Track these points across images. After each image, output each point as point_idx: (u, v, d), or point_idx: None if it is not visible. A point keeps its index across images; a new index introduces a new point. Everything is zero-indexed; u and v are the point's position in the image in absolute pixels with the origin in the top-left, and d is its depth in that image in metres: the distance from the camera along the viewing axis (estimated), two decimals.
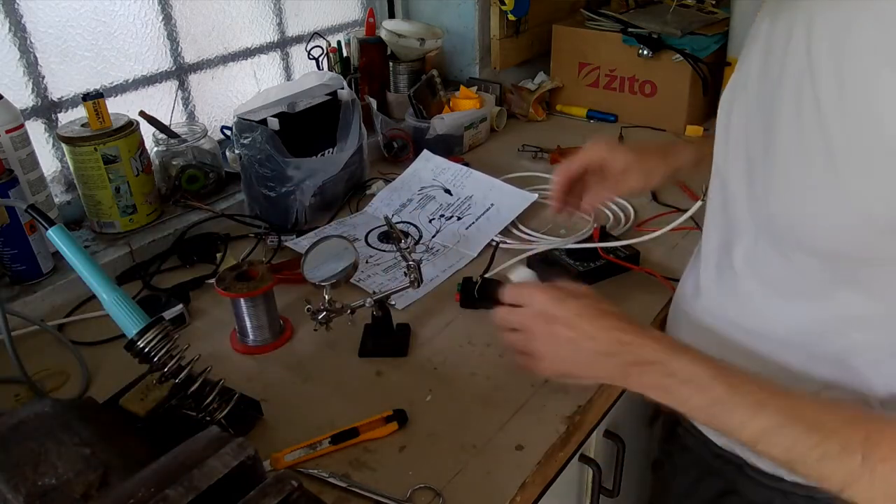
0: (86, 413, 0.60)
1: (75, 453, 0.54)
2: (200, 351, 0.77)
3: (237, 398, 0.75)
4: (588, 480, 0.99)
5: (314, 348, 0.91)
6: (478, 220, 1.17)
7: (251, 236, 1.16)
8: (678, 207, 1.20)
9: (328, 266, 0.89)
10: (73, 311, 1.00)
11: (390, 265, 1.07)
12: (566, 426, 0.77)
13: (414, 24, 1.57)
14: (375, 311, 0.89)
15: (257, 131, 1.11)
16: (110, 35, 1.15)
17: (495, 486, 0.70)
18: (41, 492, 0.51)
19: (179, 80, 1.27)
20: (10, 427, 0.56)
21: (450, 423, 0.78)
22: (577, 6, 1.75)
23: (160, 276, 1.07)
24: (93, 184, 1.06)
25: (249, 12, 1.35)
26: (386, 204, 1.24)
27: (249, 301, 0.88)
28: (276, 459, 0.72)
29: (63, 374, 0.88)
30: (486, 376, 0.85)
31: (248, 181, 1.18)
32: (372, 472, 0.72)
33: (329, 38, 1.48)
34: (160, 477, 0.49)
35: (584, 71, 1.63)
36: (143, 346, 0.69)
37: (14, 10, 1.02)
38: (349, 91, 1.23)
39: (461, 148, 1.47)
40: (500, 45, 1.64)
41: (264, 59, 1.41)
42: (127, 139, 1.06)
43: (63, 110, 1.12)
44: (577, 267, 1.01)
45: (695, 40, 1.49)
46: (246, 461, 0.51)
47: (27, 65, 1.06)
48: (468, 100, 1.49)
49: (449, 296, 0.99)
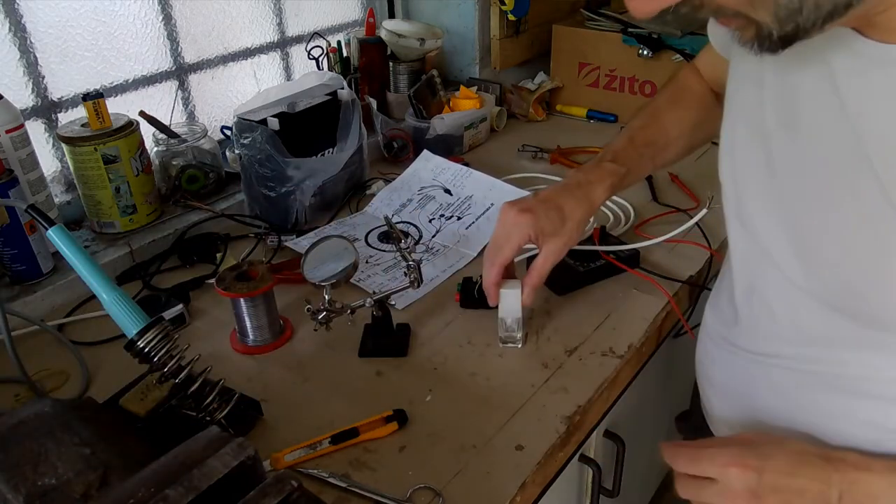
0: (86, 413, 0.60)
1: (75, 453, 0.54)
2: (200, 351, 0.77)
3: (237, 398, 0.75)
4: (588, 480, 0.99)
5: (314, 348, 0.91)
6: (478, 220, 1.17)
7: (251, 236, 1.16)
8: (678, 208, 1.20)
9: (328, 266, 0.89)
10: (73, 311, 1.00)
11: (390, 265, 1.07)
12: (566, 426, 0.77)
13: (414, 24, 1.57)
14: (375, 311, 0.89)
15: (257, 131, 1.11)
16: (110, 35, 1.15)
17: (495, 486, 0.70)
18: (41, 492, 0.51)
19: (179, 80, 1.27)
20: (10, 427, 0.56)
21: (450, 423, 0.78)
22: (577, 6, 1.75)
23: (160, 276, 1.07)
24: (93, 184, 1.06)
25: (249, 12, 1.35)
26: (386, 204, 1.24)
27: (249, 301, 0.88)
28: (276, 459, 0.72)
29: (63, 374, 0.88)
30: (486, 376, 0.85)
31: (248, 181, 1.18)
32: (372, 472, 0.72)
33: (329, 38, 1.48)
34: (160, 477, 0.49)
35: (584, 71, 1.63)
36: (143, 346, 0.69)
37: (14, 10, 1.02)
38: (349, 91, 1.23)
39: (461, 148, 1.47)
40: (500, 45, 1.64)
41: (264, 59, 1.41)
42: (127, 139, 1.06)
43: (63, 110, 1.12)
44: (577, 267, 1.01)
45: (695, 40, 1.49)
46: (246, 461, 0.51)
47: (27, 65, 1.06)
48: (468, 100, 1.49)
49: (449, 296, 0.99)
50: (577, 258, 1.02)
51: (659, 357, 1.03)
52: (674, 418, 1.02)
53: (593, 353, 0.88)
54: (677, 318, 0.98)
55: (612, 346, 0.89)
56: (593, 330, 0.92)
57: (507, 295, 0.86)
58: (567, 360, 0.87)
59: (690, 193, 1.24)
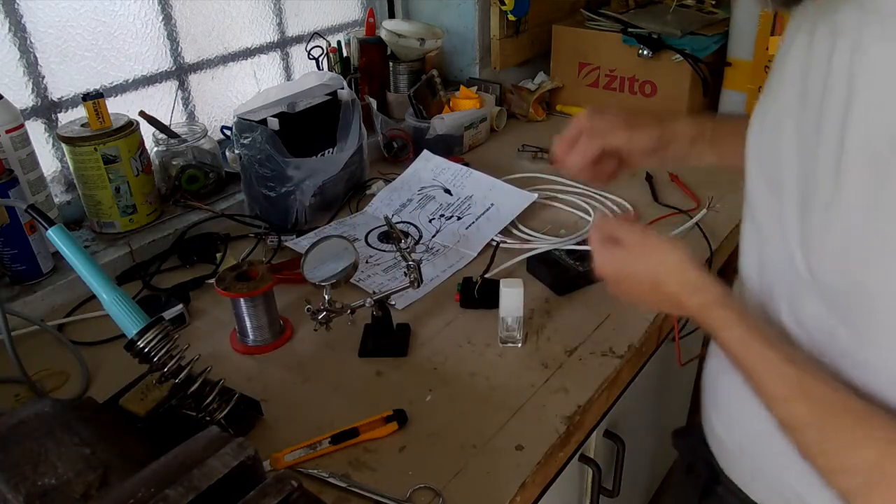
0: (86, 413, 0.60)
1: (75, 453, 0.54)
2: (200, 351, 0.77)
3: (237, 398, 0.75)
4: (588, 480, 0.99)
5: (314, 348, 0.91)
6: (478, 220, 1.17)
7: (251, 236, 1.16)
8: (679, 209, 1.20)
9: (328, 266, 0.89)
10: (73, 311, 1.00)
11: (390, 265, 1.07)
12: (566, 426, 0.77)
13: (414, 24, 1.57)
14: (375, 311, 0.89)
15: (257, 131, 1.11)
16: (110, 35, 1.15)
17: (495, 486, 0.70)
18: (41, 492, 0.51)
19: (179, 80, 1.27)
20: (10, 427, 0.56)
21: (450, 423, 0.78)
22: (577, 6, 1.75)
23: (160, 276, 1.07)
24: (93, 184, 1.06)
25: (249, 12, 1.35)
26: (386, 204, 1.24)
27: (249, 301, 0.88)
28: (276, 459, 0.72)
29: (63, 374, 0.88)
30: (486, 376, 0.85)
31: (248, 181, 1.18)
32: (372, 472, 0.72)
33: (329, 38, 1.48)
34: (160, 477, 0.49)
35: (584, 71, 1.63)
36: (143, 346, 0.69)
37: (14, 10, 1.02)
38: (349, 91, 1.23)
39: (461, 148, 1.47)
40: (500, 45, 1.64)
41: (264, 59, 1.41)
42: (127, 139, 1.06)
43: (63, 110, 1.12)
44: (577, 267, 1.01)
45: (695, 40, 1.49)
46: (246, 461, 0.51)
47: (27, 65, 1.06)
48: (468, 100, 1.49)
49: (449, 296, 0.99)
50: (578, 258, 1.02)
51: (659, 357, 1.03)
52: (671, 433, 1.01)
53: (593, 353, 0.88)
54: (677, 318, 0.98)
55: (612, 346, 0.89)
56: (593, 330, 0.92)
57: (509, 294, 0.86)
58: (567, 360, 0.87)
59: (690, 194, 1.24)
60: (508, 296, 0.86)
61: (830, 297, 0.55)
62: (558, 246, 1.06)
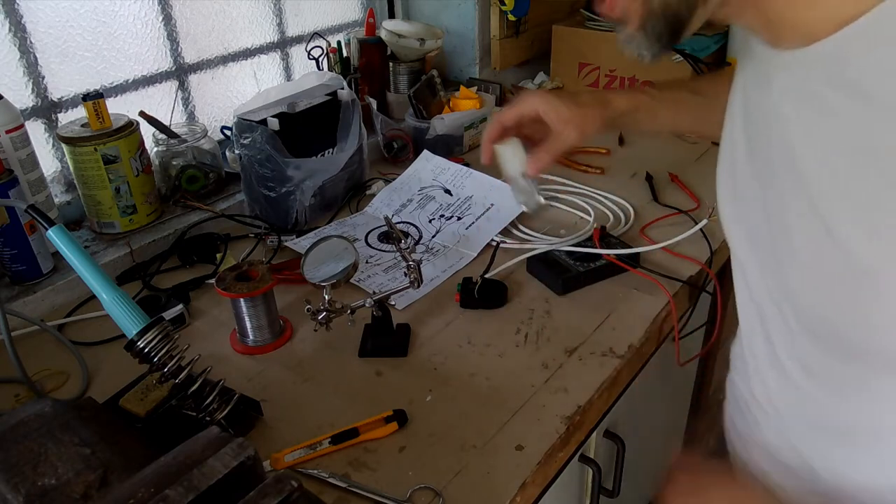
0: (86, 413, 0.60)
1: (75, 453, 0.54)
2: (200, 351, 0.77)
3: (237, 398, 0.75)
4: (588, 480, 0.99)
5: (314, 348, 0.91)
6: (478, 220, 1.17)
7: (251, 236, 1.16)
8: (679, 209, 1.20)
9: (328, 266, 0.89)
10: (73, 311, 1.00)
11: (390, 265, 1.07)
12: (566, 426, 0.77)
13: (414, 24, 1.57)
14: (375, 311, 0.89)
15: (257, 131, 1.11)
16: (110, 35, 1.15)
17: (495, 487, 0.70)
18: (41, 492, 0.51)
19: (179, 80, 1.27)
20: (10, 427, 0.56)
21: (450, 423, 0.78)
22: (577, 6, 1.75)
23: (160, 276, 1.07)
24: (93, 184, 1.06)
25: (249, 12, 1.35)
26: (386, 204, 1.24)
27: (249, 301, 0.88)
28: (276, 459, 0.72)
29: (63, 374, 0.88)
30: (486, 376, 0.85)
31: (248, 181, 1.18)
32: (372, 472, 0.72)
33: (329, 38, 1.48)
34: (160, 477, 0.49)
35: (584, 71, 1.63)
36: (143, 346, 0.69)
37: (14, 10, 1.02)
38: (349, 91, 1.23)
39: (461, 148, 1.46)
40: (500, 45, 1.64)
41: (264, 60, 1.41)
42: (127, 139, 1.06)
43: (63, 110, 1.12)
44: (577, 267, 1.01)
45: (695, 40, 1.49)
46: (246, 461, 0.51)
47: (27, 65, 1.06)
48: (468, 100, 1.49)
49: (449, 296, 0.99)
50: (577, 258, 1.02)
51: (659, 357, 1.03)
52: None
53: (593, 353, 0.88)
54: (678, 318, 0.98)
55: (612, 346, 0.89)
56: (593, 330, 0.92)
57: (503, 151, 0.80)
58: (567, 361, 0.87)
59: (691, 193, 1.24)
60: (504, 152, 0.80)
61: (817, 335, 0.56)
62: (558, 246, 1.06)
